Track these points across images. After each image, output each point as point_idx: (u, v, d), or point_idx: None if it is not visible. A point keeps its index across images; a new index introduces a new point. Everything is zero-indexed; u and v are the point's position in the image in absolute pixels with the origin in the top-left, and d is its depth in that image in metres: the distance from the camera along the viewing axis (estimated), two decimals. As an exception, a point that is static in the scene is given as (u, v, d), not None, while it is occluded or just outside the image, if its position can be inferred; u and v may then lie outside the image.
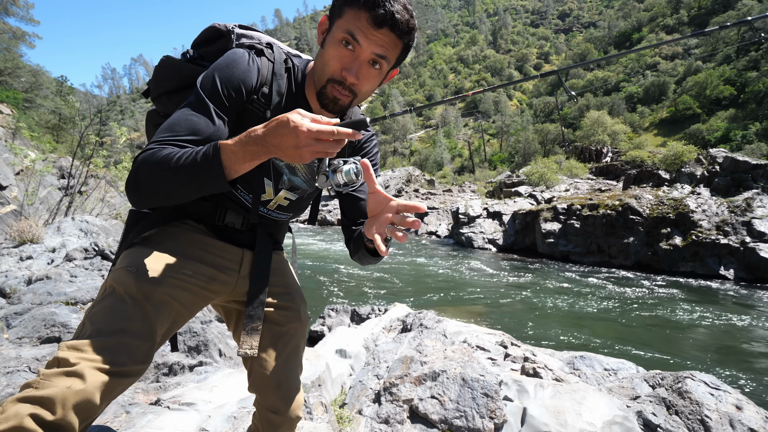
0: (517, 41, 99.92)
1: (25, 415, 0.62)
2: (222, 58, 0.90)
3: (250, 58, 0.90)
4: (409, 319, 3.47)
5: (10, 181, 7.60)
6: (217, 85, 0.85)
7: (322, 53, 0.89)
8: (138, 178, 0.76)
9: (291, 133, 0.68)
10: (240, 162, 0.72)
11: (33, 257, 4.63)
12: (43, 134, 19.85)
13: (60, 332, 2.69)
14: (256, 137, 0.70)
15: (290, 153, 0.70)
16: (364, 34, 0.81)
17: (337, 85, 0.87)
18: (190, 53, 1.01)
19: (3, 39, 24.54)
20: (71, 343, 0.73)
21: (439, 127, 67.45)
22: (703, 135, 36.98)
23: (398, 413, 2.03)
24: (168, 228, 0.96)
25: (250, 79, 0.89)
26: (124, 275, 0.83)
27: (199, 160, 0.72)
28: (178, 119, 0.82)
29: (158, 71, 0.99)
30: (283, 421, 1.05)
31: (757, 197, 10.58)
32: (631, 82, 55.80)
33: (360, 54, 0.83)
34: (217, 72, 0.87)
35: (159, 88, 1.00)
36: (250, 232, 1.06)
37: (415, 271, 9.94)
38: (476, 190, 27.03)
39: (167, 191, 0.76)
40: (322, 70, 0.88)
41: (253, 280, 1.01)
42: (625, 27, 72.80)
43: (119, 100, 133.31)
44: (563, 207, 12.54)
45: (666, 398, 2.12)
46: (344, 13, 0.83)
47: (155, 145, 0.78)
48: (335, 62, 0.85)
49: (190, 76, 0.97)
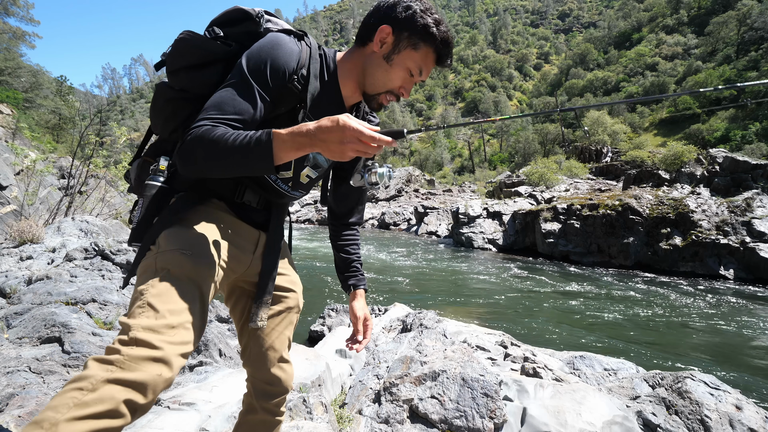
0: (517, 41, 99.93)
1: (121, 400, 0.66)
2: (266, 41, 0.96)
3: (292, 42, 0.98)
4: (409, 319, 3.47)
5: (10, 181, 7.60)
6: (263, 66, 0.93)
7: (387, 69, 1.02)
8: (193, 151, 0.84)
9: (339, 130, 0.76)
10: (287, 151, 0.80)
11: (33, 257, 4.63)
12: (43, 134, 19.85)
13: (60, 332, 2.69)
14: (307, 131, 0.78)
15: (334, 148, 0.78)
16: (428, 70, 1.03)
17: (391, 96, 1.06)
18: (215, 31, 1.02)
19: (3, 39, 24.54)
20: (146, 323, 0.75)
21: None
22: (703, 135, 37.01)
23: (398, 413, 2.03)
24: (201, 208, 1.01)
25: (293, 61, 0.97)
26: (179, 258, 0.86)
27: (253, 145, 0.80)
28: (225, 99, 0.89)
29: (180, 45, 0.98)
30: (279, 392, 1.13)
31: (757, 197, 10.58)
32: (631, 82, 55.78)
33: (417, 79, 1.05)
34: (263, 53, 0.94)
35: (178, 62, 0.99)
36: (264, 211, 1.12)
37: (415, 271, 9.94)
38: (476, 190, 27.04)
39: (219, 167, 0.85)
40: (384, 83, 1.04)
41: (266, 257, 1.09)
42: (625, 27, 72.79)
43: (119, 100, 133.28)
44: (563, 207, 12.54)
45: (666, 398, 2.12)
46: (419, 48, 0.99)
47: (209, 123, 0.85)
48: (399, 81, 1.03)
49: (215, 53, 0.98)
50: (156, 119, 1.07)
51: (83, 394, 0.65)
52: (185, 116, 1.02)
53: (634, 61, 59.88)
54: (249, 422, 1.16)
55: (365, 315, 1.25)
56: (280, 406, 1.16)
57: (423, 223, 18.96)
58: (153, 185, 0.98)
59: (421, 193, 28.12)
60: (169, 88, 1.02)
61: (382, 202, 27.03)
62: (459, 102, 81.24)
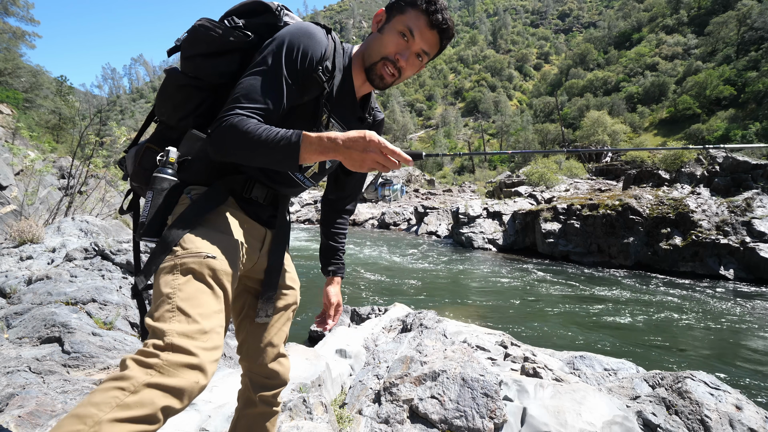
0: (517, 41, 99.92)
1: (160, 406, 0.68)
2: (298, 28, 0.99)
3: (322, 33, 1.02)
4: (409, 319, 3.47)
5: (10, 181, 7.59)
6: (294, 52, 0.96)
7: (379, 37, 1.04)
8: (225, 139, 0.88)
9: (363, 140, 0.82)
10: (313, 153, 0.85)
11: (33, 257, 4.62)
12: (43, 134, 19.84)
13: (60, 332, 2.69)
14: (335, 137, 0.84)
15: (356, 156, 0.83)
16: (420, 32, 1.00)
17: (389, 64, 1.03)
18: (234, 21, 1.02)
19: (3, 39, 24.52)
20: (180, 328, 0.77)
21: (439, 127, 67.43)
22: (703, 135, 37.02)
23: (398, 413, 2.03)
24: (221, 208, 1.01)
25: (320, 51, 1.00)
26: (205, 261, 0.87)
27: (283, 144, 0.85)
28: (255, 87, 0.92)
29: (199, 32, 0.98)
30: (277, 384, 1.16)
31: (757, 197, 10.58)
32: (631, 82, 55.75)
33: (412, 45, 1.01)
34: (295, 40, 0.97)
35: (195, 48, 0.98)
36: (270, 207, 1.14)
37: (415, 271, 9.94)
38: (476, 190, 27.03)
39: (248, 157, 0.89)
40: (377, 50, 1.03)
41: (273, 253, 1.11)
42: (624, 27, 72.76)
43: (119, 100, 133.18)
44: (563, 207, 12.53)
45: (666, 398, 2.12)
46: (406, 11, 1.00)
47: (242, 112, 0.89)
48: (392, 46, 1.02)
49: (233, 42, 0.99)
50: (163, 106, 1.06)
51: (125, 395, 0.67)
52: (196, 104, 1.02)
53: (634, 61, 59.84)
54: (248, 416, 1.18)
55: (338, 301, 1.34)
56: (276, 397, 1.19)
57: (423, 223, 18.96)
58: (163, 178, 0.96)
59: (421, 193, 28.11)
60: (181, 75, 1.01)
61: (382, 202, 27.01)
62: (459, 102, 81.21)
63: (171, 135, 1.07)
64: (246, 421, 1.18)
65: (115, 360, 2.61)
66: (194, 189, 1.01)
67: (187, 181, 1.01)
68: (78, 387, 2.09)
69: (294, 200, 23.66)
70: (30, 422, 1.63)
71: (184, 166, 1.02)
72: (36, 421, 1.65)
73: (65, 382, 2.15)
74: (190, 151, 1.01)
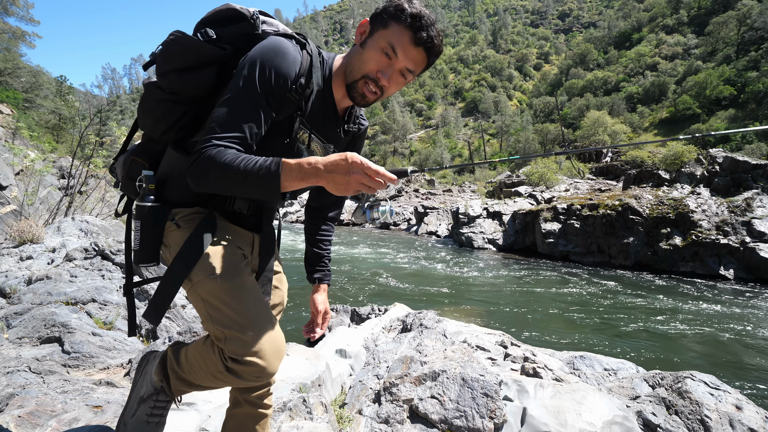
0: (517, 41, 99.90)
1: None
2: (268, 48, 0.93)
3: (295, 49, 0.96)
4: (409, 319, 3.47)
5: (10, 181, 7.59)
6: (267, 75, 0.91)
7: (361, 52, 0.99)
8: (205, 172, 0.86)
9: (345, 163, 0.79)
10: (293, 181, 0.82)
11: (33, 257, 4.62)
12: (43, 134, 19.84)
13: (60, 332, 2.69)
14: (315, 163, 0.81)
15: (339, 179, 0.80)
16: (403, 49, 0.95)
17: (370, 83, 0.98)
18: (208, 33, 0.98)
19: (3, 39, 24.52)
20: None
21: (439, 127, 67.42)
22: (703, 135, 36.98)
23: (398, 413, 2.03)
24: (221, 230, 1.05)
25: (295, 69, 0.95)
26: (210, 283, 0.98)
27: (262, 174, 0.82)
28: (231, 114, 0.89)
29: (171, 47, 0.95)
30: (261, 385, 1.16)
31: (757, 197, 10.58)
32: (631, 82, 55.74)
33: (395, 63, 0.96)
34: (266, 61, 0.91)
35: (169, 64, 0.96)
36: (254, 217, 1.14)
37: (415, 271, 9.94)
38: (476, 190, 27.02)
39: (228, 189, 0.88)
40: (359, 67, 0.99)
41: (262, 258, 1.14)
42: (624, 27, 72.76)
43: (119, 100, 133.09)
44: (563, 207, 12.54)
45: (666, 398, 2.12)
46: (390, 26, 0.94)
47: (219, 143, 0.86)
48: (373, 64, 0.97)
49: (208, 56, 0.96)
50: (144, 119, 1.04)
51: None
52: (177, 118, 0.99)
53: (634, 61, 59.81)
54: (236, 416, 1.17)
55: (326, 308, 1.34)
56: (263, 399, 1.17)
57: (423, 223, 18.96)
58: (146, 207, 0.98)
59: (421, 193, 28.11)
60: (159, 89, 0.99)
61: (382, 202, 26.98)
62: (459, 102, 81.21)
63: (155, 147, 1.07)
64: (234, 422, 1.17)
65: (116, 360, 2.61)
66: (178, 213, 1.02)
67: (171, 201, 1.02)
68: (78, 387, 2.09)
69: (294, 200, 23.62)
70: (30, 422, 1.63)
71: (167, 185, 1.02)
72: (36, 421, 1.65)
73: (65, 382, 2.15)
74: (172, 169, 1.02)
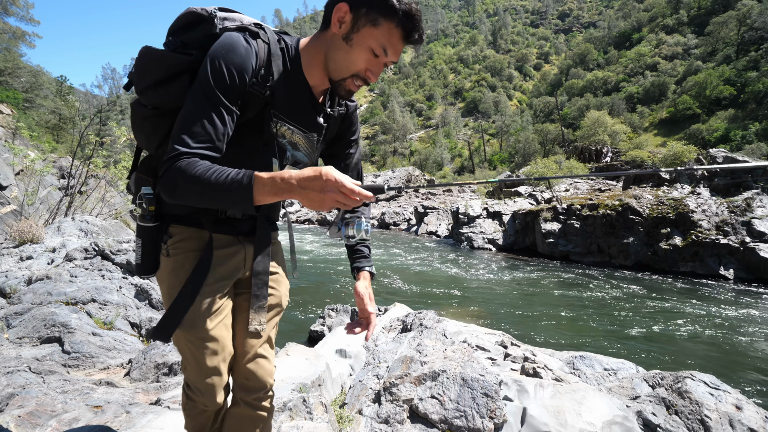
0: (517, 41, 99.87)
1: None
2: (219, 45, 0.90)
3: (246, 41, 0.92)
4: (409, 319, 3.47)
5: (10, 181, 7.59)
6: (222, 73, 0.88)
7: (347, 50, 0.94)
8: (175, 186, 0.84)
9: (320, 179, 0.77)
10: (267, 195, 0.80)
11: (33, 257, 4.62)
12: (43, 134, 19.84)
13: (60, 332, 2.69)
14: (289, 178, 0.79)
15: (314, 196, 0.78)
16: (395, 49, 0.93)
17: (357, 80, 0.98)
18: (174, 41, 0.98)
19: (3, 39, 24.53)
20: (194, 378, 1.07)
21: (439, 127, 67.42)
22: (703, 135, 36.99)
23: (398, 413, 2.03)
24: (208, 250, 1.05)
25: (250, 62, 0.92)
26: (184, 337, 1.06)
27: (234, 187, 0.80)
28: (194, 121, 0.87)
29: (141, 63, 0.95)
30: (256, 386, 1.15)
31: (757, 197, 10.58)
32: (631, 82, 55.73)
33: (384, 60, 0.95)
34: (219, 59, 0.89)
35: (144, 81, 0.96)
36: (249, 220, 1.12)
37: (415, 271, 9.94)
38: (476, 190, 27.01)
39: (200, 201, 0.86)
40: (346, 66, 0.96)
41: (257, 264, 1.11)
42: (624, 27, 72.75)
43: (119, 100, 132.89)
44: (563, 207, 12.54)
45: (666, 398, 2.12)
46: (380, 25, 0.90)
47: (187, 150, 0.85)
48: (363, 63, 0.95)
49: (177, 65, 0.95)
50: (137, 138, 1.07)
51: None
52: (166, 132, 1.00)
53: (634, 61, 59.79)
54: (233, 415, 1.17)
55: (368, 295, 1.20)
56: (261, 401, 1.16)
57: (423, 223, 18.96)
58: (146, 227, 1.02)
59: (421, 193, 28.11)
60: (142, 107, 1.01)
61: (383, 203, 27.02)
62: (459, 102, 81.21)
63: (153, 163, 1.07)
64: (233, 421, 1.17)
65: (116, 360, 2.61)
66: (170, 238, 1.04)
67: (168, 214, 1.04)
68: (78, 387, 2.09)
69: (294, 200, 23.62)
70: (30, 422, 1.63)
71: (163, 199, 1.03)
72: (36, 421, 1.64)
73: (65, 382, 2.15)
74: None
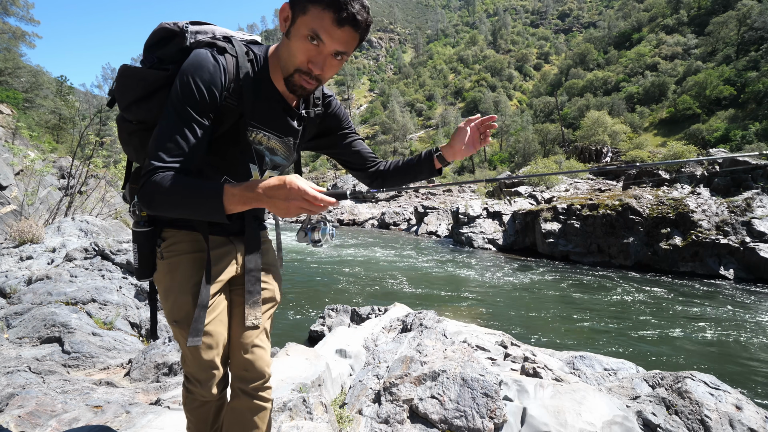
0: (517, 41, 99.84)
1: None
2: (188, 64, 0.93)
3: (214, 58, 0.95)
4: (409, 319, 3.47)
5: (10, 181, 7.59)
6: (192, 90, 0.91)
7: (287, 44, 0.94)
8: (152, 199, 0.89)
9: (284, 188, 0.82)
10: (237, 204, 0.86)
11: (33, 257, 4.62)
12: (43, 134, 19.84)
13: (60, 332, 2.69)
14: (256, 188, 0.84)
15: (279, 204, 0.83)
16: (328, 33, 0.88)
17: (304, 75, 0.95)
18: (148, 58, 1.02)
19: (3, 39, 24.52)
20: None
21: (439, 127, 67.40)
22: (703, 135, 36.97)
23: (398, 413, 2.03)
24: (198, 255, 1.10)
25: (218, 77, 0.94)
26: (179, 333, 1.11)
27: (205, 199, 0.86)
28: (169, 138, 0.90)
29: (121, 81, 1.00)
30: (254, 376, 1.18)
31: (757, 197, 10.58)
32: (631, 82, 55.73)
33: (324, 49, 0.91)
34: (189, 77, 0.92)
35: (126, 98, 1.01)
36: (238, 219, 1.16)
37: (415, 271, 9.94)
38: (476, 190, 27.01)
39: (176, 213, 0.91)
40: (289, 61, 0.95)
41: (248, 261, 1.16)
42: (624, 27, 72.71)
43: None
44: (563, 207, 12.53)
45: (666, 398, 2.12)
46: (308, 11, 0.88)
47: (161, 165, 0.89)
48: (302, 55, 0.92)
49: (155, 81, 0.99)
50: (127, 151, 1.12)
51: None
52: None
53: (634, 61, 59.74)
54: (234, 408, 1.19)
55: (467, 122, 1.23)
56: (259, 391, 1.19)
57: (423, 223, 18.97)
58: (141, 232, 1.06)
59: (421, 193, 28.11)
60: (128, 122, 1.05)
61: (382, 203, 27.02)
62: (459, 102, 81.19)
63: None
64: (234, 414, 1.19)
65: (116, 360, 2.61)
66: (164, 241, 1.09)
67: (162, 219, 1.09)
68: (78, 387, 2.09)
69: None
70: (30, 422, 1.63)
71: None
72: (36, 421, 1.64)
73: (65, 382, 2.15)
74: None
